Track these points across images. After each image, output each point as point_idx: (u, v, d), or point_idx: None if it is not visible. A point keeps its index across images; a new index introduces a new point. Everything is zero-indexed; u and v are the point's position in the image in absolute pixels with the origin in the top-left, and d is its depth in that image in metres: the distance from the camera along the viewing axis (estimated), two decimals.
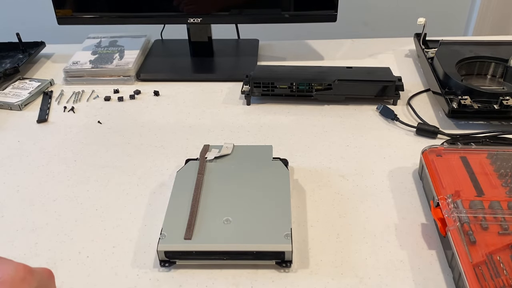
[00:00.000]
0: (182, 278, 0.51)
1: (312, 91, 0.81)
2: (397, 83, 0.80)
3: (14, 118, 0.82)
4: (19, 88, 0.88)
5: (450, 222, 0.51)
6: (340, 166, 0.67)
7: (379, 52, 1.00)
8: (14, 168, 0.69)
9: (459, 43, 0.89)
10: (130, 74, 0.91)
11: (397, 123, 0.76)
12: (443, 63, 0.81)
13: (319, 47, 1.03)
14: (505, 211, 0.52)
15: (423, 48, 0.91)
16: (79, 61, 0.94)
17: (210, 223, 0.53)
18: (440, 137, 0.72)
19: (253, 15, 0.91)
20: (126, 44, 1.00)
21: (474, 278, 0.45)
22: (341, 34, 1.10)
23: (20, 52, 0.99)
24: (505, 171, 0.58)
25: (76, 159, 0.71)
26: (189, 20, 0.91)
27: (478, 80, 0.84)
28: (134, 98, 0.86)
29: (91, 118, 0.81)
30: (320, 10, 0.89)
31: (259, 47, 1.03)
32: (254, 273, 0.51)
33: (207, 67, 0.96)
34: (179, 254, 0.51)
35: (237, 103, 0.83)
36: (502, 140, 0.69)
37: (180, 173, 0.60)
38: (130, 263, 0.53)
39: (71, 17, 0.92)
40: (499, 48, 0.86)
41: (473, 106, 0.73)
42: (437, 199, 0.54)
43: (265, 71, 0.84)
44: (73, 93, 0.88)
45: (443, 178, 0.57)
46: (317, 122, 0.77)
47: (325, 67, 0.85)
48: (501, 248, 0.48)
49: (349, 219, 0.58)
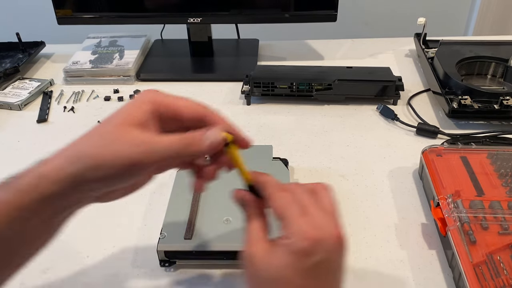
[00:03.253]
0: (181, 278, 0.51)
1: (312, 91, 0.81)
2: (397, 83, 0.80)
3: (14, 118, 0.82)
4: (19, 88, 0.88)
5: (450, 222, 0.51)
6: (340, 166, 0.67)
7: (379, 52, 1.00)
8: (14, 168, 0.69)
9: (459, 43, 0.89)
10: (130, 74, 0.91)
11: (397, 123, 0.76)
12: (443, 63, 0.81)
13: (319, 47, 1.03)
14: (505, 211, 0.52)
15: (423, 48, 0.91)
16: (79, 61, 0.94)
17: (210, 223, 0.52)
18: (440, 137, 0.72)
19: (253, 15, 0.91)
20: (126, 44, 0.99)
21: (474, 278, 0.45)
22: (341, 34, 1.10)
23: (20, 52, 0.99)
24: (505, 171, 0.58)
25: None
26: (189, 20, 0.91)
27: (478, 80, 0.84)
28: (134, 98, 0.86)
29: (91, 118, 0.80)
30: (320, 10, 0.89)
31: (259, 47, 1.03)
32: None
33: (207, 67, 0.96)
34: (179, 254, 0.51)
35: (237, 103, 0.83)
36: (502, 140, 0.69)
37: (180, 173, 0.60)
38: (130, 263, 0.53)
39: (71, 17, 0.92)
40: (499, 48, 0.86)
41: (473, 106, 0.73)
42: (437, 199, 0.54)
43: (265, 71, 0.84)
44: (73, 93, 0.88)
45: (443, 178, 0.57)
46: (317, 122, 0.77)
47: (325, 67, 0.85)
48: (501, 248, 0.48)
49: (349, 219, 0.57)
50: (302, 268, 0.34)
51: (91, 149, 0.35)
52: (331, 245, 0.35)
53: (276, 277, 0.35)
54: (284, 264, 0.34)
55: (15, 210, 0.34)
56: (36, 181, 0.35)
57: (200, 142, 0.37)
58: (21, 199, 0.34)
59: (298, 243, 0.34)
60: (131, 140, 0.36)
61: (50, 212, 0.36)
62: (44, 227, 0.37)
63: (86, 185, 0.35)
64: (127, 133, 0.36)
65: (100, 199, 0.38)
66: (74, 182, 0.35)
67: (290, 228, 0.35)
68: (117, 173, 0.35)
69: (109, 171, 0.35)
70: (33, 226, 0.35)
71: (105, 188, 0.37)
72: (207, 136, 0.38)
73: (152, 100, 0.39)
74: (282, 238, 0.36)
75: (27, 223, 0.35)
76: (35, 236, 0.37)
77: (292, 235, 0.35)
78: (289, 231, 0.35)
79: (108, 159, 0.35)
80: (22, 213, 0.34)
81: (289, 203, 0.37)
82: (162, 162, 0.37)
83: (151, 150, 0.36)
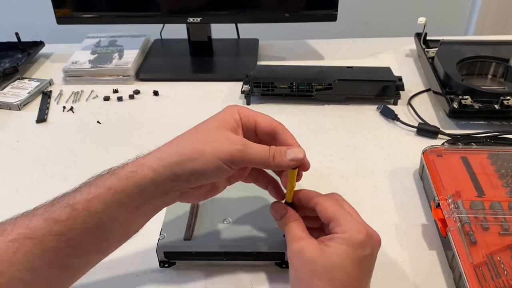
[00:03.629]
0: (181, 278, 0.51)
1: (312, 91, 0.81)
2: (397, 83, 0.80)
3: (13, 118, 0.82)
4: (18, 88, 0.88)
5: (450, 223, 0.50)
6: (340, 166, 0.67)
7: (380, 51, 1.00)
8: (13, 168, 0.69)
9: (459, 43, 0.88)
10: (129, 73, 0.91)
11: (398, 123, 0.76)
12: (444, 63, 0.81)
13: (319, 46, 1.03)
14: (506, 212, 0.52)
15: (423, 48, 0.90)
16: (78, 60, 0.94)
17: (210, 223, 0.52)
18: (440, 137, 0.72)
19: (253, 15, 0.91)
20: (125, 44, 0.99)
21: (474, 278, 0.45)
22: (341, 33, 1.10)
23: (19, 52, 0.99)
24: (506, 171, 0.57)
25: (75, 159, 0.70)
26: (188, 19, 0.90)
27: (478, 80, 0.84)
28: (134, 98, 0.86)
29: (90, 118, 0.80)
30: (320, 10, 0.89)
31: (259, 46, 1.03)
32: (254, 273, 0.51)
33: (206, 67, 0.95)
34: (179, 254, 0.51)
35: (237, 103, 0.83)
36: (503, 140, 0.69)
37: None
38: (129, 263, 0.53)
39: (70, 17, 0.92)
40: (500, 47, 0.86)
41: (474, 106, 0.72)
42: (438, 199, 0.54)
43: (265, 71, 0.84)
44: (72, 93, 0.88)
45: (443, 178, 0.57)
46: (317, 122, 0.77)
47: (325, 66, 0.85)
48: (502, 249, 0.48)
49: None
50: (356, 258, 0.40)
51: (192, 144, 0.41)
52: (376, 241, 0.42)
53: (333, 264, 0.39)
54: (343, 253, 0.40)
55: (114, 194, 0.39)
56: (136, 168, 0.40)
57: (284, 156, 0.43)
58: (121, 184, 0.40)
59: (355, 236, 0.40)
60: (230, 139, 0.41)
61: (143, 199, 0.40)
62: (133, 216, 0.41)
63: (180, 176, 0.40)
64: (225, 133, 0.42)
65: (184, 196, 0.43)
66: (171, 172, 0.40)
67: (345, 225, 0.41)
68: (212, 166, 0.40)
69: (206, 163, 0.40)
70: (125, 212, 0.40)
71: (194, 182, 0.41)
72: (290, 152, 0.43)
73: (238, 111, 0.45)
74: (335, 234, 0.41)
75: (121, 209, 0.40)
76: (124, 224, 0.42)
77: (347, 231, 0.41)
78: (343, 228, 0.41)
79: (208, 152, 0.40)
80: (118, 196, 0.40)
81: (337, 206, 0.43)
82: (250, 164, 0.42)
83: (247, 149, 0.41)
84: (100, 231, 0.40)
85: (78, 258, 0.41)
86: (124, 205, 0.40)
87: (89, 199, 0.40)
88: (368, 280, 0.42)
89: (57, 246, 0.39)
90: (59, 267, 0.40)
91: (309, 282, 0.40)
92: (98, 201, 0.39)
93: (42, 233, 0.38)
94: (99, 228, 0.40)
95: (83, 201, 0.40)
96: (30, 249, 0.38)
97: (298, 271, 0.41)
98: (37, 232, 0.38)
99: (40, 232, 0.38)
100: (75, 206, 0.39)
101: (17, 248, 0.37)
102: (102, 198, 0.39)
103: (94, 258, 0.43)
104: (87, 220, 0.39)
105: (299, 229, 0.43)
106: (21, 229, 0.39)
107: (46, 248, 0.38)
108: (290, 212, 0.46)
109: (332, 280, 0.39)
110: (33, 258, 0.38)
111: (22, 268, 0.37)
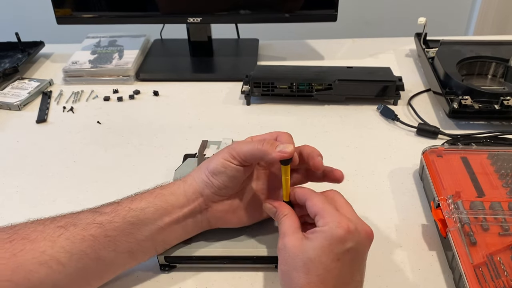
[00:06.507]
0: (182, 279, 0.51)
1: (312, 91, 0.81)
2: (397, 83, 0.80)
3: (13, 118, 0.82)
4: (18, 88, 0.88)
5: (450, 223, 0.50)
6: (340, 166, 0.67)
7: (380, 51, 1.00)
8: (13, 169, 0.69)
9: (459, 43, 0.88)
10: (129, 74, 0.91)
11: (398, 123, 0.76)
12: (444, 63, 0.81)
13: (319, 47, 1.03)
14: (506, 212, 0.52)
15: (423, 48, 0.90)
16: (78, 61, 0.94)
17: None
18: (440, 137, 0.72)
19: (253, 15, 0.91)
20: (125, 44, 0.99)
21: (474, 279, 0.45)
22: (341, 33, 1.10)
23: (19, 52, 0.99)
24: (506, 172, 0.57)
25: (76, 159, 0.70)
26: (188, 19, 0.90)
27: (478, 80, 0.84)
28: (134, 98, 0.86)
29: (90, 118, 0.80)
30: (320, 10, 0.89)
31: (259, 47, 1.03)
32: (255, 275, 0.51)
33: (206, 67, 0.95)
34: (179, 259, 0.50)
35: (237, 103, 0.83)
36: (503, 140, 0.69)
37: (178, 172, 0.60)
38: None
39: (70, 17, 0.92)
40: (500, 48, 0.86)
41: (474, 106, 0.72)
42: (438, 199, 0.54)
43: (265, 71, 0.84)
44: (72, 93, 0.88)
45: (443, 179, 0.57)
46: (317, 122, 0.77)
47: (325, 67, 0.85)
48: (502, 249, 0.48)
49: None
50: (334, 252, 0.40)
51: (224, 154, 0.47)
52: (361, 237, 0.42)
53: (311, 258, 0.40)
54: (320, 247, 0.40)
55: (157, 196, 0.47)
56: (177, 188, 0.48)
57: (274, 147, 0.45)
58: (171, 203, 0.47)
59: (333, 230, 0.41)
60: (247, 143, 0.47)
61: (178, 208, 0.47)
62: (169, 225, 0.47)
63: (211, 182, 0.47)
64: None
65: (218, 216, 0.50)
66: (205, 183, 0.47)
67: (326, 219, 0.42)
68: (219, 163, 0.46)
69: (216, 163, 0.47)
70: (164, 217, 0.46)
71: (217, 184, 0.47)
72: (279, 145, 0.46)
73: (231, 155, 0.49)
74: (316, 228, 0.42)
75: (160, 212, 0.46)
76: (158, 230, 0.46)
77: (328, 224, 0.41)
78: (325, 221, 0.42)
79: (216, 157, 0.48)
80: (159, 199, 0.47)
81: (325, 201, 0.44)
82: (243, 153, 0.46)
83: (240, 142, 0.48)
84: (134, 229, 0.45)
85: (110, 252, 0.44)
86: (165, 210, 0.46)
87: (133, 198, 0.47)
88: (354, 274, 0.42)
89: (96, 234, 0.43)
90: (92, 257, 0.43)
91: (288, 275, 0.42)
92: (141, 199, 0.46)
93: (87, 222, 0.44)
94: (133, 225, 0.45)
95: (127, 199, 0.47)
96: (72, 234, 0.43)
97: (281, 265, 0.43)
98: (82, 221, 0.44)
99: (85, 221, 0.44)
100: (120, 202, 0.47)
101: (61, 233, 0.43)
102: (145, 197, 0.47)
103: (123, 257, 0.46)
104: (126, 216, 0.45)
105: (287, 225, 0.44)
106: (69, 218, 0.45)
107: (86, 235, 0.43)
108: (280, 208, 0.47)
109: (308, 273, 0.40)
110: (73, 243, 0.42)
111: (62, 250, 0.42)
